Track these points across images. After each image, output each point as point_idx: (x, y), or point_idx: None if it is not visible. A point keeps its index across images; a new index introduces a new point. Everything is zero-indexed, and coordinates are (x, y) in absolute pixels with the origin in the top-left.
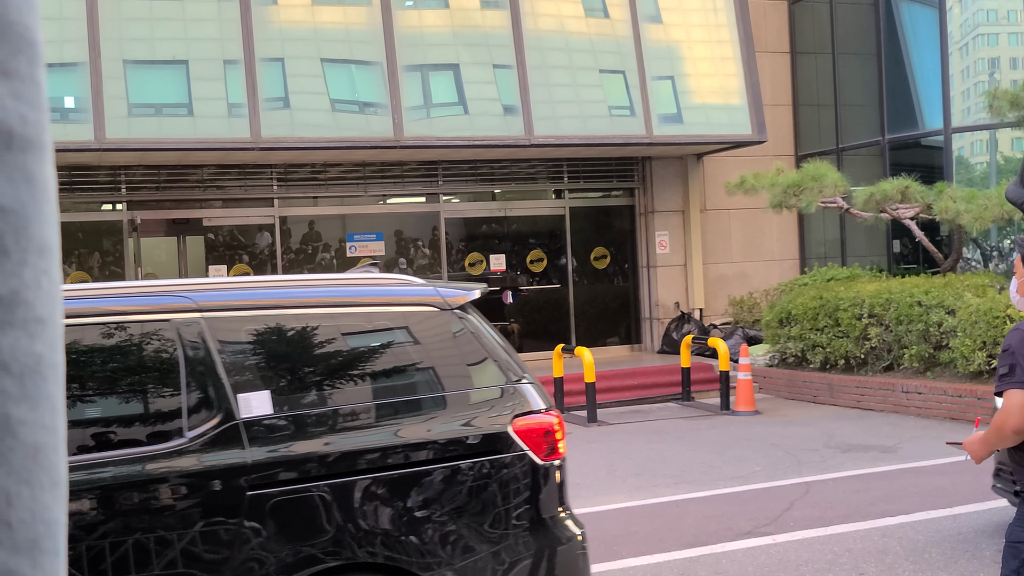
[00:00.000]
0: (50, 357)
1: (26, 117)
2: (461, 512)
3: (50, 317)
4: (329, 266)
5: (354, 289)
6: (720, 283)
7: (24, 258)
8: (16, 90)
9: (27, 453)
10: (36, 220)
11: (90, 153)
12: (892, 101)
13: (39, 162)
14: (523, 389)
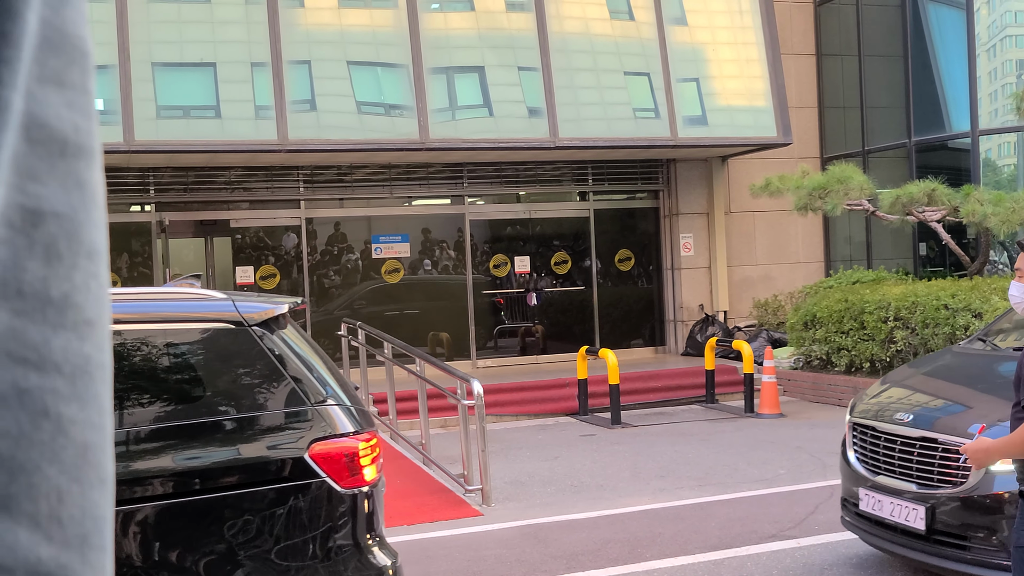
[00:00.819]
0: (98, 358)
1: (79, 125)
2: (250, 543)
3: (98, 319)
4: (355, 268)
5: (143, 304)
6: (745, 285)
7: (75, 262)
8: (70, 100)
9: (77, 451)
10: (86, 225)
11: (119, 155)
12: (918, 103)
13: (89, 168)
14: (328, 411)
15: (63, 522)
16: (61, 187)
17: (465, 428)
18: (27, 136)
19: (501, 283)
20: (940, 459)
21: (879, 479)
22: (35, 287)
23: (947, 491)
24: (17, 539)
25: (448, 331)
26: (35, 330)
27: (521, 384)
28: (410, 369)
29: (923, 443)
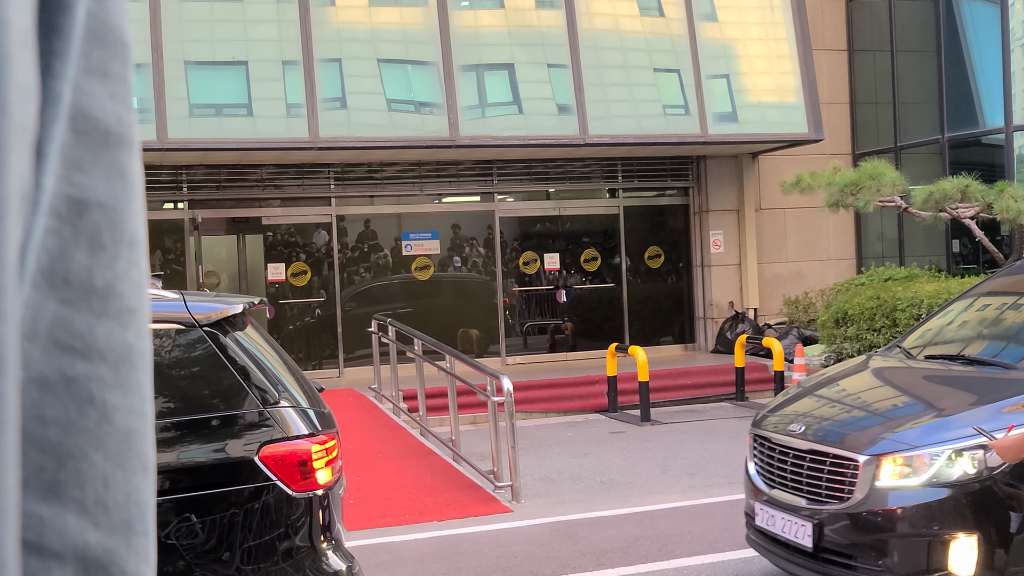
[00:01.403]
0: (139, 345)
1: (120, 116)
2: (198, 547)
3: (139, 307)
4: (385, 265)
5: None
6: (775, 283)
7: (118, 251)
8: (113, 90)
9: (120, 438)
10: (128, 214)
11: (153, 152)
12: (952, 99)
13: (130, 159)
14: (281, 413)
15: (108, 508)
16: (104, 177)
17: (495, 425)
18: (73, 127)
19: (531, 280)
20: (828, 473)
21: (774, 493)
22: (80, 276)
23: (834, 507)
24: (66, 524)
25: (478, 328)
26: (81, 319)
27: (550, 381)
28: (440, 366)
29: (813, 456)
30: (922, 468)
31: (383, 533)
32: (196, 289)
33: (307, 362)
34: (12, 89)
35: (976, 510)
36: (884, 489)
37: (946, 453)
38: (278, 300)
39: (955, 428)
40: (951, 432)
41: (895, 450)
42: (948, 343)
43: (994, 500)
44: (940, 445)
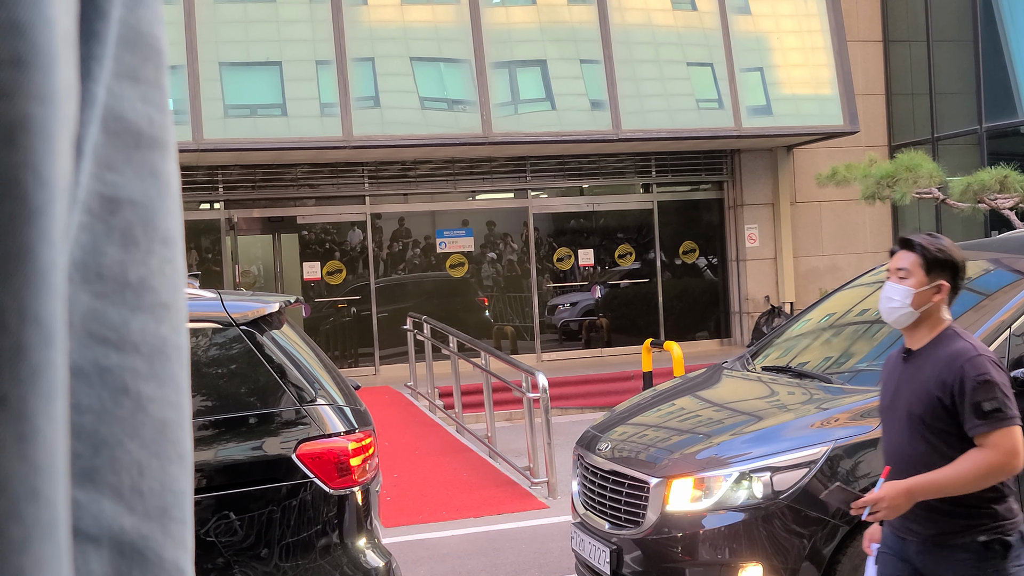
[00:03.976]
0: (174, 339)
1: (153, 119)
2: (236, 544)
3: (174, 302)
4: (421, 262)
5: None
6: (811, 276)
7: (151, 247)
8: (145, 94)
9: (155, 428)
10: (161, 212)
11: (188, 153)
12: (989, 88)
13: (164, 159)
14: (318, 411)
15: (144, 494)
16: (136, 176)
17: (530, 421)
18: (105, 128)
19: (565, 276)
20: (627, 496)
21: (586, 514)
22: (113, 270)
23: (630, 532)
24: (102, 509)
25: (512, 324)
26: (114, 311)
27: (586, 377)
28: (475, 363)
29: (615, 477)
30: (710, 492)
31: (420, 530)
32: (233, 288)
33: (343, 360)
34: (60, 85)
35: (763, 537)
36: (674, 514)
37: (733, 476)
38: (314, 299)
39: (747, 448)
40: (742, 453)
41: (685, 472)
42: (790, 352)
43: (781, 526)
44: (728, 467)
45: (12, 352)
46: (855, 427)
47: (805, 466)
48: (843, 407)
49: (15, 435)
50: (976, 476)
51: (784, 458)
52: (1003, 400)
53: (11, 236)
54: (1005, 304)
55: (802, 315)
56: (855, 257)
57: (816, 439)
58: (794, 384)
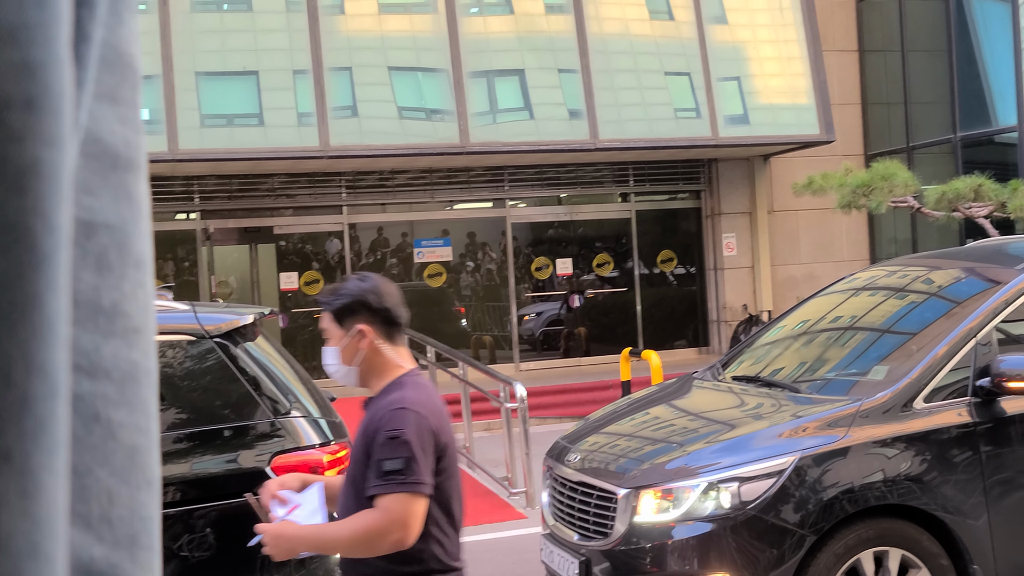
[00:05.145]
0: (144, 364)
1: (129, 140)
2: (210, 559)
3: (144, 326)
4: (399, 272)
5: None
6: (788, 285)
7: (124, 272)
8: (122, 115)
9: (125, 454)
10: (134, 236)
11: (164, 164)
12: (964, 98)
13: (137, 181)
14: (293, 423)
15: (113, 523)
16: (112, 200)
17: (508, 431)
18: (84, 151)
19: (543, 285)
20: (595, 507)
21: (556, 526)
22: (88, 296)
23: (598, 543)
24: (70, 540)
25: (490, 334)
26: (87, 338)
27: (564, 387)
28: (453, 372)
29: (583, 488)
30: (678, 502)
31: None
32: (208, 300)
33: (320, 371)
34: (67, 127)
35: (731, 548)
36: (642, 525)
37: (701, 486)
38: (291, 309)
39: (715, 459)
40: (710, 463)
41: (653, 483)
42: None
43: (749, 537)
44: (696, 477)
45: (17, 405)
46: (823, 437)
47: (772, 476)
48: (811, 417)
49: (18, 491)
50: (359, 538)
51: (752, 468)
52: (409, 462)
53: (19, 285)
54: (971, 313)
55: (773, 324)
56: (832, 266)
57: (784, 449)
58: (763, 394)
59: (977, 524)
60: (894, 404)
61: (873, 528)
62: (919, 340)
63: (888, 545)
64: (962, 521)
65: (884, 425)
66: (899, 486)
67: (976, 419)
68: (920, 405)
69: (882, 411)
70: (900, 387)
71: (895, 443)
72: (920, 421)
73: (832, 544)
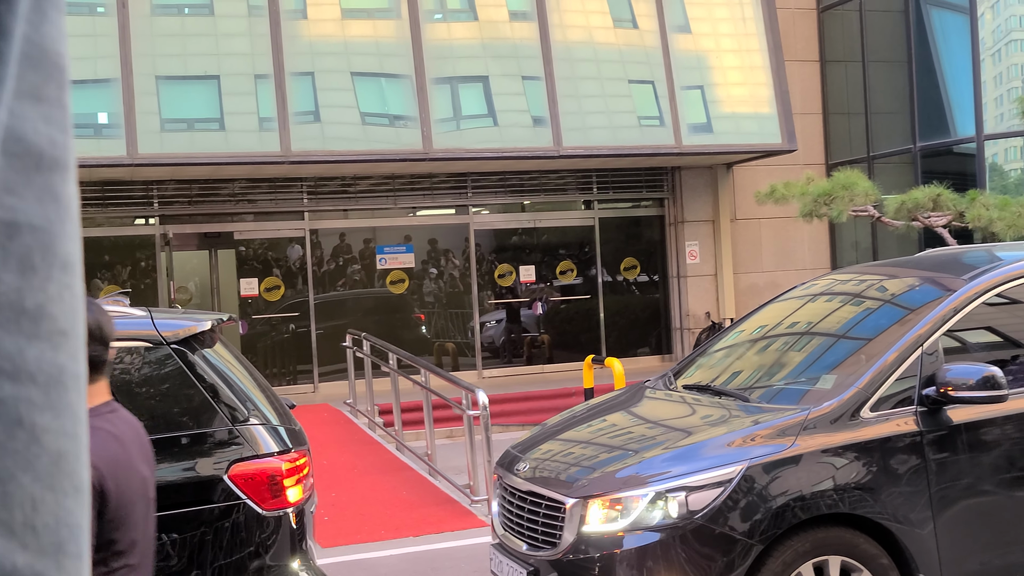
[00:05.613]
0: (72, 368)
1: (55, 139)
2: (167, 568)
3: (72, 329)
4: (361, 278)
5: None
6: (751, 292)
7: (49, 273)
8: (47, 114)
9: (51, 460)
10: (61, 237)
11: (123, 168)
12: (923, 108)
13: (64, 182)
14: (251, 431)
15: (38, 530)
16: (37, 200)
17: (471, 438)
18: (4, 150)
19: (506, 293)
20: (544, 517)
21: (505, 535)
22: (9, 298)
23: (546, 554)
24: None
25: (453, 341)
26: (9, 340)
27: (527, 394)
28: (415, 380)
29: (532, 498)
30: (626, 512)
31: (358, 549)
32: (167, 306)
33: (281, 377)
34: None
35: (680, 558)
36: (591, 534)
37: (649, 496)
38: (251, 315)
39: (663, 468)
40: (658, 473)
41: (601, 492)
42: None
43: (697, 546)
44: (645, 487)
45: None
46: (771, 445)
47: (720, 485)
48: (760, 426)
49: None
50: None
51: (699, 477)
52: None
53: None
54: (919, 322)
55: (727, 331)
56: (794, 274)
57: (732, 458)
58: (714, 403)
59: (923, 533)
60: (842, 413)
61: (819, 537)
62: (868, 349)
63: (830, 553)
64: (909, 530)
65: (832, 434)
66: (848, 495)
67: (923, 428)
68: (868, 414)
69: (830, 420)
70: (847, 396)
71: (843, 452)
72: (868, 430)
73: (779, 553)
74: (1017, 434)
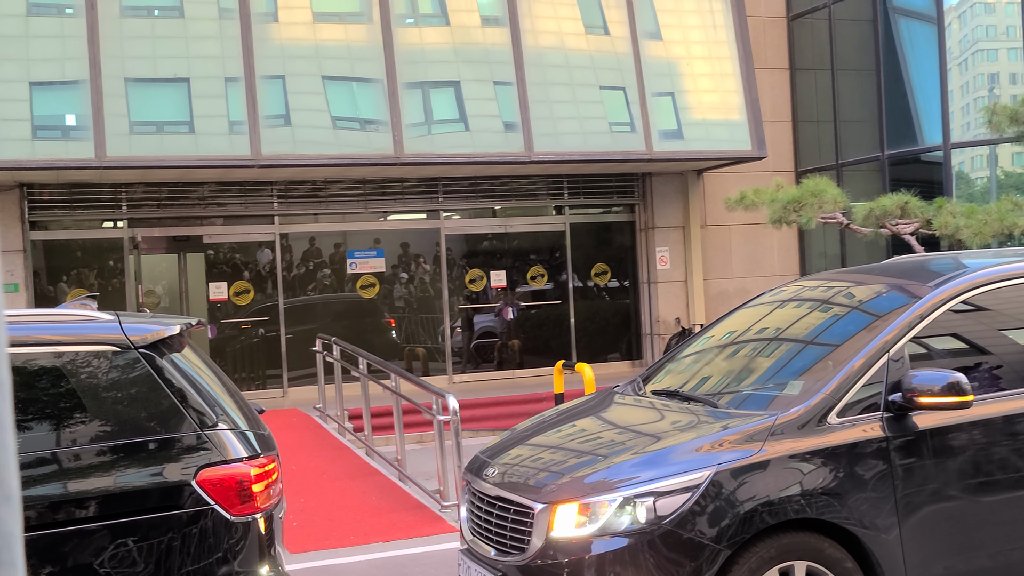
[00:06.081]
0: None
1: None
2: (131, 574)
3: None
4: (331, 283)
5: (25, 327)
6: (721, 299)
7: None
8: None
9: None
10: None
11: (91, 171)
12: (891, 117)
13: None
14: (219, 436)
15: None
16: None
17: (441, 444)
18: None
19: (477, 297)
20: (512, 522)
21: (473, 541)
22: None
23: (514, 559)
24: None
25: (424, 346)
26: None
27: (497, 399)
28: (385, 385)
29: (501, 503)
30: (595, 517)
31: (328, 555)
32: (136, 309)
33: (251, 382)
34: None
35: (649, 563)
36: (559, 540)
37: (618, 501)
38: (220, 320)
39: (633, 473)
40: (627, 478)
41: (570, 497)
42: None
43: (665, 552)
44: (614, 492)
45: None
46: (739, 451)
47: (688, 491)
48: (728, 431)
49: None
50: None
51: (668, 483)
52: None
53: None
54: (885, 329)
55: (696, 337)
56: (763, 280)
57: (700, 464)
58: (682, 408)
59: (889, 538)
60: (809, 419)
61: (786, 542)
62: (835, 355)
63: (796, 559)
64: (874, 535)
65: (799, 440)
66: (815, 500)
67: (889, 434)
68: (835, 420)
69: (797, 426)
70: (814, 402)
71: (810, 458)
72: (834, 435)
73: (746, 558)
74: (982, 440)
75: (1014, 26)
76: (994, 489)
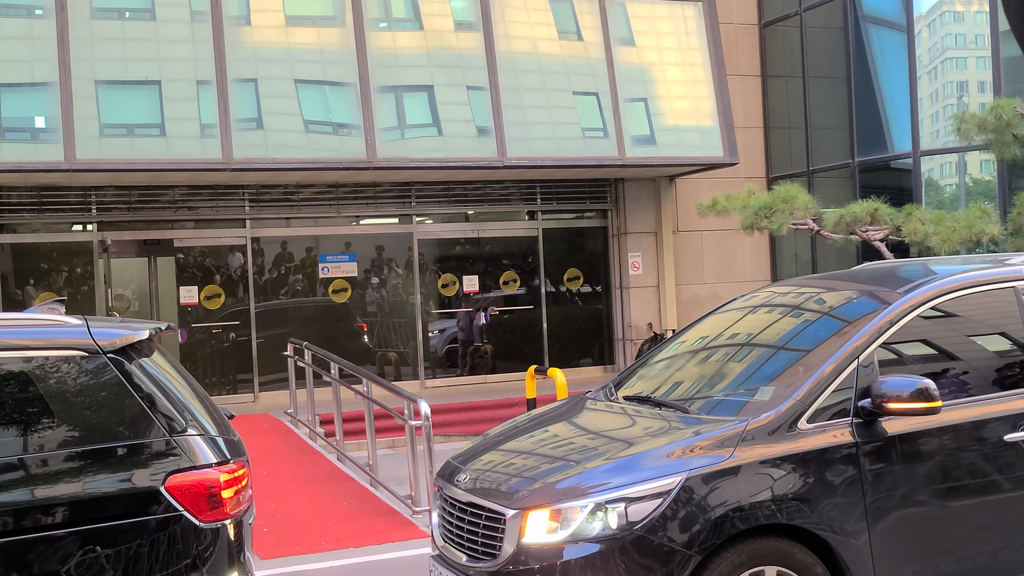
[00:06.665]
0: None
1: None
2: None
3: None
4: (303, 287)
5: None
6: (693, 304)
7: None
8: None
9: None
10: None
11: (60, 174)
12: (861, 124)
13: None
14: (188, 442)
15: None
16: None
17: (412, 449)
18: None
19: (450, 302)
20: (484, 528)
21: (445, 547)
22: None
23: (486, 565)
24: None
25: (396, 351)
26: None
27: (469, 404)
28: (357, 390)
29: (472, 508)
30: (567, 523)
31: (298, 561)
32: (105, 313)
33: (221, 387)
34: None
35: (620, 569)
36: (530, 546)
37: (589, 507)
38: (191, 324)
39: (604, 479)
40: (599, 484)
41: (541, 503)
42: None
43: (636, 557)
44: (585, 498)
45: None
46: (710, 457)
47: (659, 496)
48: (700, 437)
49: None
50: None
51: (639, 488)
52: None
53: None
54: (855, 335)
55: (668, 343)
56: (735, 286)
57: (671, 469)
58: (654, 414)
59: (858, 543)
60: (780, 424)
61: (756, 547)
62: (806, 361)
63: (767, 564)
64: (844, 540)
65: (770, 445)
66: (785, 505)
67: (858, 439)
68: (805, 425)
69: (768, 431)
70: (785, 408)
71: (780, 463)
72: (805, 441)
73: (717, 563)
74: (950, 445)
75: (983, 35)
76: (962, 494)
